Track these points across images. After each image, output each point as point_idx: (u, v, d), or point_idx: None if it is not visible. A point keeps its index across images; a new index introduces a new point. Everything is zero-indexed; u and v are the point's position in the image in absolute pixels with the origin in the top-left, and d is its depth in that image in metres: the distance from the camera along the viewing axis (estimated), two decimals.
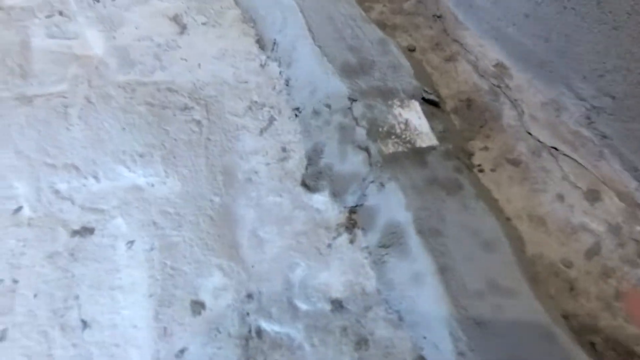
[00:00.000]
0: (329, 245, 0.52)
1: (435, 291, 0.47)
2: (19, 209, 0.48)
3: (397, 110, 0.57)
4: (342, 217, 0.54)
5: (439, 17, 0.77)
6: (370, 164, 0.53)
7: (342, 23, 0.66)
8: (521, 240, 0.56)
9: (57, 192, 0.50)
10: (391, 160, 0.53)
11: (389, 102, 0.57)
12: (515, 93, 0.68)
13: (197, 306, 0.46)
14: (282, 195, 0.54)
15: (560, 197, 0.58)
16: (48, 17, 0.66)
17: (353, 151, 0.54)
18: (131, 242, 0.48)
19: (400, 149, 0.54)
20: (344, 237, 0.52)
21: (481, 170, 0.60)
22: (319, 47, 0.61)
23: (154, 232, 0.49)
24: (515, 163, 0.61)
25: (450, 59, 0.71)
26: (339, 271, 0.50)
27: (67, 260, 0.46)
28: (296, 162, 0.57)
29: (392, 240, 0.51)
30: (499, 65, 0.71)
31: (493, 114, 0.66)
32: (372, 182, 0.53)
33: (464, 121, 0.65)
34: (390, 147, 0.54)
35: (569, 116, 0.67)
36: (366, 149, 0.54)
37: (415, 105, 0.58)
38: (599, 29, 0.59)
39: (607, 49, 0.58)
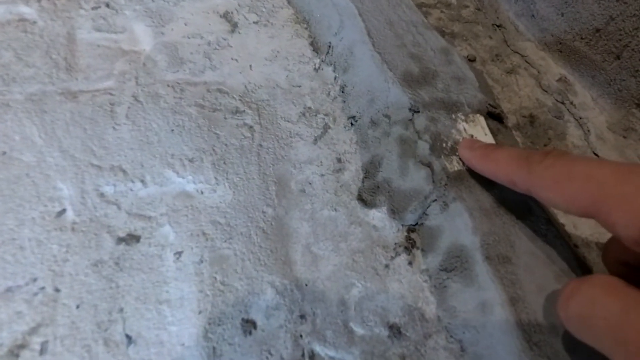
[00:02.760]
0: (387, 266, 0.48)
1: (504, 324, 0.43)
2: (63, 211, 0.45)
3: (461, 125, 0.53)
4: (401, 236, 0.50)
5: (498, 26, 0.73)
6: (434, 182, 0.49)
7: (402, 29, 0.62)
8: (590, 271, 0.52)
9: (102, 195, 0.47)
10: (456, 179, 0.49)
11: (453, 116, 0.54)
12: (580, 111, 0.64)
13: (248, 325, 0.43)
14: (337, 209, 0.51)
15: None
16: (94, 8, 0.64)
17: (414, 166, 0.51)
18: (179, 253, 0.45)
19: (466, 167, 0.50)
20: (403, 258, 0.49)
21: None
22: (379, 53, 0.58)
23: (203, 243, 0.46)
24: None
25: (511, 71, 0.68)
26: (397, 294, 0.47)
27: (112, 269, 0.43)
28: (352, 174, 0.54)
29: (455, 264, 0.48)
30: (562, 79, 0.67)
31: (557, 133, 0.62)
32: (435, 201, 0.49)
33: (526, 139, 0.61)
34: (455, 165, 0.50)
35: (638, 138, 0.63)
36: (429, 165, 0.50)
37: (481, 120, 0.54)
38: None
39: None
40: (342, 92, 0.60)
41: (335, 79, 0.61)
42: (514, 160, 0.41)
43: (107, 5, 0.64)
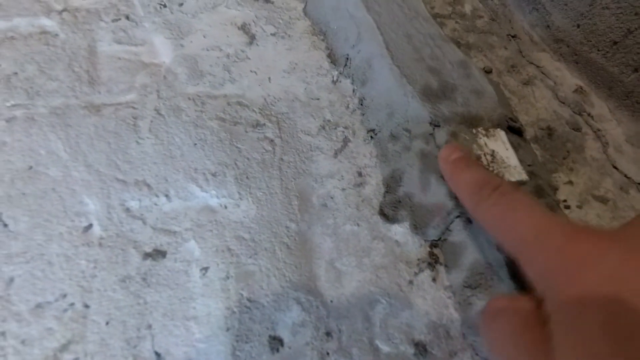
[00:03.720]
0: (410, 282, 0.48)
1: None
2: (89, 226, 0.46)
3: (482, 140, 0.53)
4: (424, 252, 0.50)
5: (513, 37, 0.74)
6: (456, 198, 0.50)
7: (420, 42, 0.62)
8: None
9: (127, 210, 0.47)
10: None
11: (474, 131, 0.54)
12: (597, 123, 0.64)
13: (276, 342, 0.43)
14: (359, 224, 0.51)
15: None
16: (114, 20, 0.64)
17: (436, 182, 0.51)
18: (205, 269, 0.45)
19: None
20: (426, 274, 0.49)
21: (567, 207, 0.56)
22: (398, 67, 0.58)
23: (229, 258, 0.46)
24: (603, 200, 0.57)
25: (527, 82, 0.68)
26: (422, 311, 0.47)
27: (139, 285, 0.44)
28: (373, 188, 0.54)
29: (479, 281, 0.48)
30: (578, 91, 0.67)
31: (575, 145, 0.62)
32: (458, 217, 0.50)
33: (545, 152, 0.61)
34: None
35: None
36: None
37: (502, 134, 0.54)
38: None
39: None
40: (361, 104, 0.61)
41: (353, 91, 0.62)
42: (469, 188, 0.43)
43: (127, 18, 0.64)
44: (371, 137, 0.58)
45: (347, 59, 0.65)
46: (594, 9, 0.63)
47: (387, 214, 0.53)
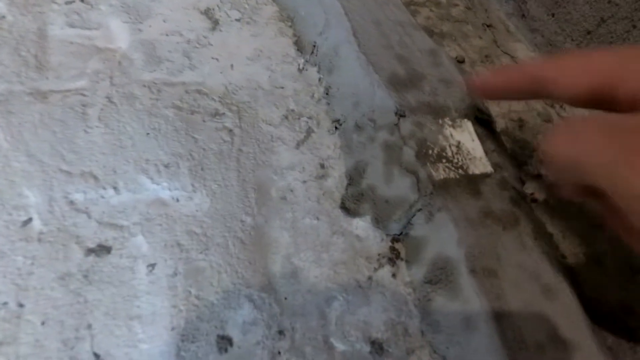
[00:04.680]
0: (370, 278, 0.46)
1: (489, 340, 0.42)
2: (29, 220, 0.43)
3: (448, 131, 0.51)
4: (385, 247, 0.48)
5: (488, 26, 0.72)
6: (419, 190, 0.48)
7: (389, 29, 0.60)
8: (579, 283, 0.50)
9: (71, 203, 0.45)
10: (442, 188, 0.48)
11: (440, 121, 0.52)
12: (569, 115, 0.63)
13: (224, 342, 0.41)
14: (319, 217, 0.49)
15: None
16: (68, 3, 0.61)
17: (400, 174, 0.49)
18: (152, 265, 0.43)
19: (452, 175, 0.48)
20: (386, 270, 0.47)
21: (534, 200, 0.55)
22: (365, 54, 0.56)
23: (178, 254, 0.44)
24: None
25: None
26: (380, 308, 0.45)
27: (80, 282, 0.41)
28: (335, 180, 0.52)
29: (440, 276, 0.46)
30: None
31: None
32: (420, 210, 0.48)
33: (515, 144, 0.59)
34: (441, 173, 0.48)
35: None
36: (414, 173, 0.49)
37: (468, 125, 0.52)
38: None
39: None
40: (327, 94, 0.58)
41: (319, 80, 0.59)
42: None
43: (82, 0, 0.61)
44: (336, 127, 0.56)
45: (315, 46, 0.62)
46: None
47: (349, 208, 0.51)
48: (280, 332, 0.42)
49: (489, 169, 0.49)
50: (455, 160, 0.50)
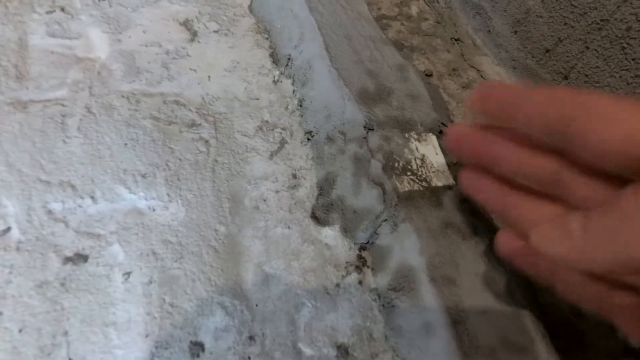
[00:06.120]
0: (338, 285, 0.49)
1: (445, 345, 0.45)
2: (7, 230, 0.45)
3: (414, 144, 0.54)
4: (352, 255, 0.51)
5: (457, 40, 0.75)
6: (385, 201, 0.51)
7: (360, 44, 0.62)
8: (532, 289, 0.54)
9: (50, 212, 0.46)
10: (406, 200, 0.51)
11: (406, 135, 0.55)
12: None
13: (197, 348, 0.43)
14: (290, 227, 0.51)
15: None
16: (49, 12, 0.62)
17: (367, 186, 0.52)
18: (128, 274, 0.45)
19: (416, 187, 0.51)
20: (353, 277, 0.50)
21: None
22: (336, 69, 0.58)
23: (153, 263, 0.46)
24: None
25: (467, 86, 0.69)
26: (347, 314, 0.48)
27: (57, 290, 0.43)
28: (307, 191, 0.54)
29: (403, 284, 0.49)
30: None
31: None
32: (386, 220, 0.51)
33: None
34: (405, 185, 0.51)
35: None
36: (381, 185, 0.51)
37: (433, 139, 0.55)
38: (620, 74, 0.57)
39: (627, 95, 0.56)
40: (300, 106, 0.61)
41: (294, 92, 0.62)
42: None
43: (63, 10, 0.62)
44: (308, 139, 0.59)
45: (289, 59, 0.64)
46: (529, 17, 0.64)
47: (319, 217, 0.53)
48: (251, 338, 0.44)
49: (450, 181, 0.52)
50: (420, 173, 0.52)
